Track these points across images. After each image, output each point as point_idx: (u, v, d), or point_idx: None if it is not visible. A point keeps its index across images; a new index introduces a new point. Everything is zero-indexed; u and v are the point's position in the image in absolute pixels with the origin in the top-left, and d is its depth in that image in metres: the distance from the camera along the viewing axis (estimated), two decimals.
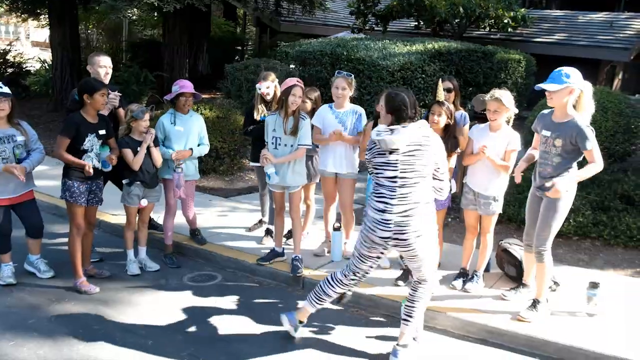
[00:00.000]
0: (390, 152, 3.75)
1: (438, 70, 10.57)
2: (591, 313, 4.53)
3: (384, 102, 4.00)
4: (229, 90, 10.54)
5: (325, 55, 10.72)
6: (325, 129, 5.30)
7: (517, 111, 4.66)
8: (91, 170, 4.74)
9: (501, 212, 4.83)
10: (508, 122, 4.71)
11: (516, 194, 6.66)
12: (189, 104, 5.44)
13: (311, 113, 5.48)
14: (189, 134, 5.47)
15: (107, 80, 5.28)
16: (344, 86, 5.21)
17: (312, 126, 5.26)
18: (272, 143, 5.07)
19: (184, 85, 5.40)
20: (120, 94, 5.35)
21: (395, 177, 3.74)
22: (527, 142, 7.76)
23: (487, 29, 14.04)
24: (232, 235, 6.03)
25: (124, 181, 5.22)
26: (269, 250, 5.43)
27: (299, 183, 5.15)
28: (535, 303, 4.42)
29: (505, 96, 4.56)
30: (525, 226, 4.60)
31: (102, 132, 4.83)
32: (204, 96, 10.82)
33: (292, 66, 10.81)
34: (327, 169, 5.38)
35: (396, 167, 3.73)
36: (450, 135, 4.70)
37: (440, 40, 11.60)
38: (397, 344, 3.95)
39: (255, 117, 5.61)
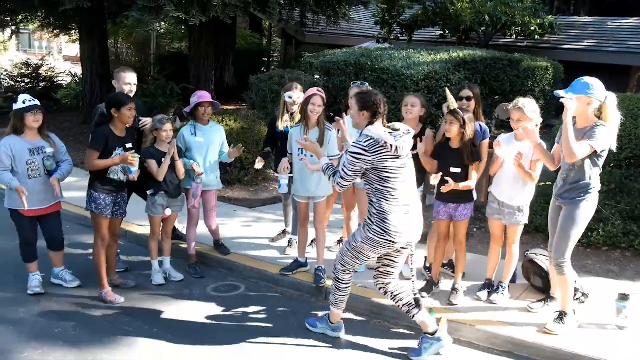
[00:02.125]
0: (399, 156, 3.86)
1: (463, 78, 10.47)
2: (621, 326, 4.41)
3: (355, 101, 4.03)
4: (253, 101, 10.62)
5: (350, 65, 10.71)
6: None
7: (541, 120, 4.58)
8: (135, 166, 4.79)
9: (527, 222, 4.75)
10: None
11: (544, 204, 6.53)
12: (208, 113, 5.48)
13: None
14: (210, 144, 5.52)
15: (132, 95, 5.38)
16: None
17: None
18: (298, 155, 5.10)
19: (202, 96, 5.48)
20: (148, 121, 5.36)
21: (405, 180, 3.90)
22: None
23: (514, 36, 13.90)
24: (255, 245, 6.06)
25: (148, 192, 5.29)
26: (292, 261, 5.44)
27: (324, 193, 5.17)
28: (562, 315, 4.32)
29: (528, 105, 4.49)
30: (549, 237, 4.50)
31: (129, 145, 4.93)
32: (229, 108, 10.94)
33: (316, 76, 10.85)
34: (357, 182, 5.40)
35: (404, 169, 3.90)
36: (467, 145, 4.65)
37: (466, 49, 11.52)
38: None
39: (278, 127, 5.65)
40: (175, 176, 5.27)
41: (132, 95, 5.37)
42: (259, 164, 5.56)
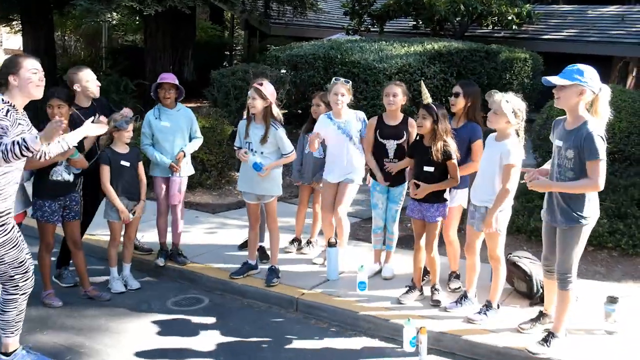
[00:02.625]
0: None
1: (438, 72, 10.55)
2: (610, 330, 4.45)
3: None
4: (215, 98, 10.51)
5: (318, 58, 10.69)
6: (327, 139, 5.39)
7: (516, 120, 4.34)
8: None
9: (503, 231, 4.53)
10: (517, 135, 4.46)
11: (525, 203, 6.61)
12: (169, 96, 5.53)
13: None
14: (177, 129, 5.56)
15: (98, 93, 5.32)
16: (342, 92, 5.28)
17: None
18: (245, 150, 5.20)
19: (162, 77, 5.54)
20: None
21: None
22: (535, 148, 7.78)
23: (491, 27, 14.07)
24: (220, 254, 5.98)
25: (106, 198, 5.23)
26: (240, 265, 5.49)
27: (273, 193, 5.26)
28: (549, 337, 4.18)
29: (512, 101, 4.32)
30: (543, 249, 4.39)
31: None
32: (189, 105, 10.77)
33: (282, 71, 10.79)
34: (330, 180, 5.44)
35: None
36: (439, 142, 4.64)
37: (441, 40, 11.62)
38: None
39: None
40: (135, 171, 5.24)
41: (96, 94, 5.28)
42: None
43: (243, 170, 5.31)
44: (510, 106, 4.30)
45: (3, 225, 3.70)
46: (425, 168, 4.72)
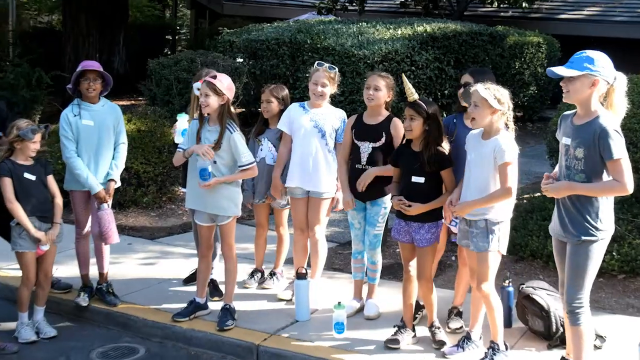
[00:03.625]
0: None
1: (432, 60, 10.65)
2: None
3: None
4: (153, 94, 10.46)
5: (283, 44, 10.71)
6: (295, 134, 5.47)
7: (503, 110, 4.42)
8: None
9: (504, 250, 4.59)
10: (507, 128, 4.55)
11: (540, 220, 6.67)
12: (96, 87, 5.52)
13: (279, 115, 5.71)
14: (101, 129, 5.56)
15: None
16: (323, 82, 5.38)
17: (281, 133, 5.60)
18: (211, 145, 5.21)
19: (86, 64, 5.53)
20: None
21: None
22: (552, 151, 7.86)
23: (496, 4, 14.28)
24: (160, 291, 5.93)
25: (12, 223, 5.17)
26: (187, 303, 5.46)
27: (229, 212, 5.26)
28: None
29: (491, 89, 4.42)
30: (558, 273, 4.44)
31: None
32: (121, 103, 10.72)
33: (238, 60, 10.79)
34: (294, 187, 5.48)
35: None
36: (431, 147, 4.67)
37: (434, 21, 11.75)
38: None
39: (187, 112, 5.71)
40: (44, 187, 5.23)
41: None
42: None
43: (192, 184, 5.28)
44: (489, 92, 4.41)
45: None
46: (414, 179, 4.75)
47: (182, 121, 5.51)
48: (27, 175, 5.16)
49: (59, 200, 5.31)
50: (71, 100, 5.69)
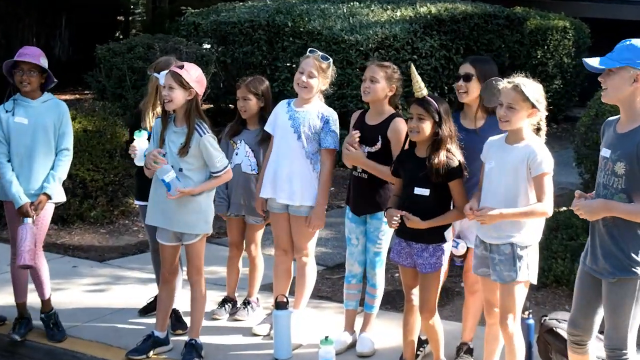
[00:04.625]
0: None
1: (437, 47, 10.74)
2: None
3: None
4: (103, 86, 10.47)
5: (259, 27, 10.76)
6: (274, 134, 5.57)
7: (545, 113, 4.53)
8: None
9: (534, 279, 4.64)
10: (538, 131, 4.59)
11: (565, 240, 6.76)
12: (30, 81, 5.53)
13: (259, 114, 5.80)
14: (37, 129, 5.56)
15: None
16: (310, 71, 5.39)
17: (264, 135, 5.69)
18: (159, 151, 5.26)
19: (22, 52, 5.54)
20: None
21: None
22: (579, 159, 7.94)
23: None
24: (111, 323, 5.96)
25: None
26: (144, 338, 5.46)
27: (198, 230, 5.28)
28: None
29: (531, 86, 4.49)
30: (572, 308, 4.41)
31: None
32: (64, 97, 10.73)
33: (205, 46, 10.83)
34: (267, 197, 5.54)
35: None
36: (439, 153, 4.71)
37: (440, 1, 11.82)
38: None
39: (146, 127, 5.67)
40: None
41: None
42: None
43: (154, 195, 5.30)
44: (530, 91, 4.43)
45: None
46: (417, 190, 4.77)
47: (142, 140, 5.39)
48: None
49: None
50: (2, 95, 5.71)
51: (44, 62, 5.56)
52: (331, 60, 5.53)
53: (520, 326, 4.68)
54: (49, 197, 5.57)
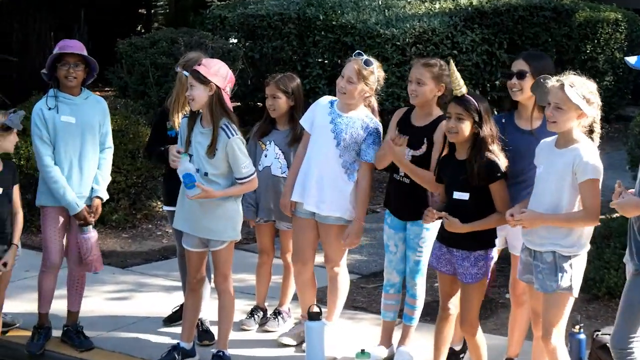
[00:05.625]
0: None
1: (479, 41, 10.69)
2: None
3: None
4: (124, 83, 10.52)
5: (289, 21, 10.75)
6: (312, 133, 5.53)
7: (597, 114, 4.50)
8: None
9: (577, 292, 4.59)
10: (591, 133, 4.56)
11: (619, 249, 6.68)
12: (77, 75, 5.54)
13: (289, 114, 5.81)
14: (85, 128, 5.60)
15: None
16: (350, 76, 5.34)
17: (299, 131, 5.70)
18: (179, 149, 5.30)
19: (64, 46, 5.54)
20: None
21: None
22: (635, 160, 7.87)
23: None
24: (134, 333, 5.99)
25: None
26: (170, 348, 5.46)
27: (225, 237, 5.28)
28: None
29: (581, 85, 4.43)
30: (616, 319, 4.44)
31: None
32: None
33: (232, 40, 10.85)
34: (293, 198, 5.55)
35: None
36: (481, 155, 4.69)
37: None
38: None
39: (172, 126, 5.71)
40: (8, 201, 5.28)
41: None
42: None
43: (182, 199, 5.30)
44: (576, 92, 4.40)
45: None
46: (456, 195, 4.77)
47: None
48: None
49: (20, 217, 5.35)
50: (24, 93, 5.75)
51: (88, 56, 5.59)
52: (375, 64, 5.43)
53: (564, 341, 4.65)
54: (102, 200, 5.67)
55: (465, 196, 4.75)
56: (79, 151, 5.59)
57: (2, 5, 14.32)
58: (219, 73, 5.12)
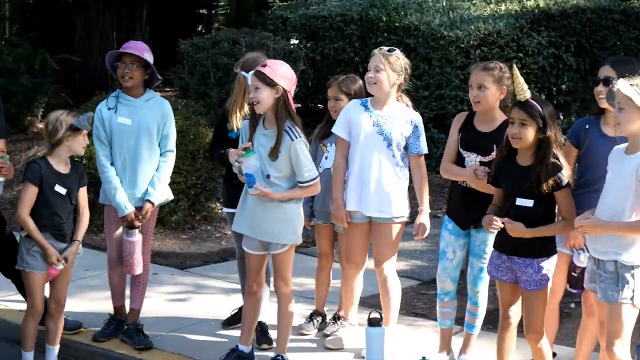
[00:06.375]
0: None
1: (546, 44, 10.59)
2: None
3: None
4: (186, 83, 10.62)
5: (351, 22, 10.78)
6: (354, 140, 5.50)
7: None
8: None
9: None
10: None
11: None
12: (133, 76, 5.58)
13: None
14: (141, 130, 5.64)
15: None
16: (377, 66, 5.36)
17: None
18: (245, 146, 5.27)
19: (126, 45, 5.63)
20: None
21: None
22: None
23: None
24: (193, 334, 6.03)
25: (21, 233, 5.30)
26: (229, 351, 5.47)
27: (286, 240, 5.28)
28: None
29: (630, 84, 4.33)
30: None
31: None
32: None
33: (293, 41, 10.89)
34: (349, 208, 5.53)
35: None
36: (546, 161, 4.62)
37: None
38: None
39: (232, 128, 5.73)
40: (70, 202, 5.31)
41: None
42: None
43: (243, 202, 5.30)
44: (636, 90, 4.30)
45: None
46: (519, 202, 4.70)
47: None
48: (57, 188, 5.21)
49: (85, 218, 5.38)
50: (84, 92, 5.81)
51: (148, 57, 5.59)
52: (398, 51, 5.47)
53: (628, 352, 4.56)
54: (153, 205, 5.67)
55: (529, 203, 4.68)
56: (133, 153, 5.63)
57: (66, 5, 14.57)
58: (285, 75, 5.11)
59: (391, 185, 5.45)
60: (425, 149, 5.53)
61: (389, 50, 5.41)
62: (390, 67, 5.37)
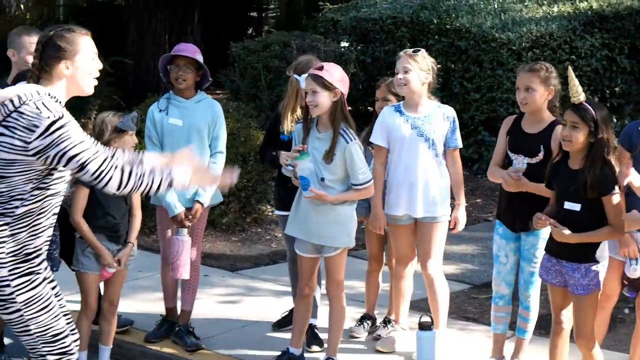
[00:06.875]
0: None
1: (599, 46, 10.49)
2: None
3: None
4: (237, 86, 10.68)
5: (402, 24, 10.77)
6: (394, 146, 5.54)
7: None
8: None
9: None
10: None
11: None
12: (186, 78, 5.64)
13: None
14: (191, 131, 5.69)
15: None
16: (404, 67, 5.38)
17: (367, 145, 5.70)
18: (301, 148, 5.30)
19: (178, 48, 5.71)
20: None
21: None
22: None
23: None
24: (244, 336, 6.06)
25: (76, 234, 5.36)
26: (279, 353, 5.50)
27: (339, 243, 5.29)
28: None
29: None
30: None
31: None
32: None
33: (344, 44, 10.91)
34: (398, 213, 5.54)
35: None
36: (596, 165, 4.60)
37: None
38: None
39: (283, 131, 5.77)
40: (125, 203, 5.38)
41: None
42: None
43: (296, 205, 5.32)
44: None
45: (30, 272, 3.88)
46: (567, 205, 4.69)
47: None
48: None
49: (137, 219, 5.46)
50: (137, 94, 5.88)
51: (199, 58, 5.65)
52: (423, 50, 5.51)
53: None
54: (203, 205, 5.72)
55: (576, 207, 4.66)
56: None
57: (119, 8, 14.75)
58: (342, 78, 5.15)
59: (437, 185, 5.49)
60: (460, 143, 5.59)
61: (414, 51, 5.44)
62: (418, 67, 5.40)
